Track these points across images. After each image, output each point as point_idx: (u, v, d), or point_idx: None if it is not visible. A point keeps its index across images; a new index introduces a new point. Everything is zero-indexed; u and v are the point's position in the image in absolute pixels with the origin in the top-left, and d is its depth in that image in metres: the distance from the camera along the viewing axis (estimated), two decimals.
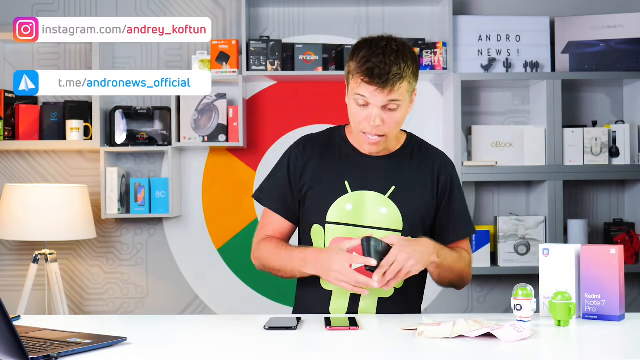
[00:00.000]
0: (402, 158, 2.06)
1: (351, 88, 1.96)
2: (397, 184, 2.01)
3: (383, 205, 2.00)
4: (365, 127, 1.95)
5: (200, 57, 3.43)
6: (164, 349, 1.60)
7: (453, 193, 2.08)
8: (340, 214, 2.00)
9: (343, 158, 2.06)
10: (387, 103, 1.91)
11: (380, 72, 1.87)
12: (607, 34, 3.47)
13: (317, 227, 2.03)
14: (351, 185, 2.01)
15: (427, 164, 2.07)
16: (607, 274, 1.84)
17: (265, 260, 2.06)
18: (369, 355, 1.56)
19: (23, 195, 3.22)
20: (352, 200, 2.00)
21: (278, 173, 2.11)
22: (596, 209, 3.64)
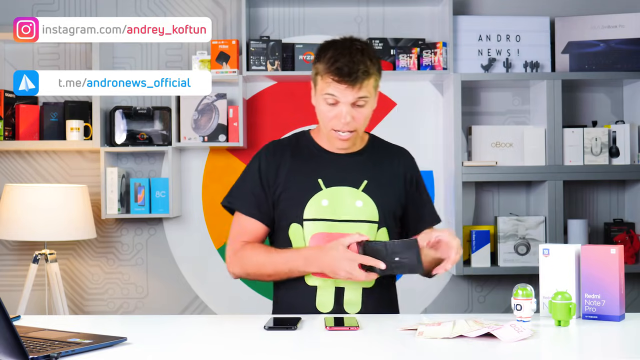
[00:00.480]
0: (369, 154, 2.14)
1: (319, 88, 2.02)
2: (368, 178, 2.08)
3: (358, 199, 2.06)
4: (336, 124, 2.01)
5: (200, 57, 3.43)
6: (164, 349, 1.60)
7: (420, 187, 2.20)
8: (317, 210, 2.04)
9: (313, 157, 2.11)
10: (356, 100, 1.99)
11: (349, 71, 1.95)
12: (607, 34, 3.47)
13: (295, 226, 2.06)
14: (325, 182, 2.06)
15: (392, 160, 2.17)
16: (607, 274, 1.84)
17: (252, 267, 2.05)
18: (369, 355, 1.56)
19: (23, 195, 3.22)
20: (327, 196, 2.05)
21: (249, 178, 2.12)
22: (596, 209, 3.65)
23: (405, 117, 3.62)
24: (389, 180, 2.13)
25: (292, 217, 2.06)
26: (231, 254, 2.10)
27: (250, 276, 2.07)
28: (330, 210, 2.04)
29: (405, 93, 3.62)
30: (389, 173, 2.13)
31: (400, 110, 3.62)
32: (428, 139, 3.62)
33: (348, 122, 2.00)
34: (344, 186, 2.06)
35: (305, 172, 2.08)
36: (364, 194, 2.07)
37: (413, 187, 2.17)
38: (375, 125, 3.60)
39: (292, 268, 2.00)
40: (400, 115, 3.62)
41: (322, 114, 2.04)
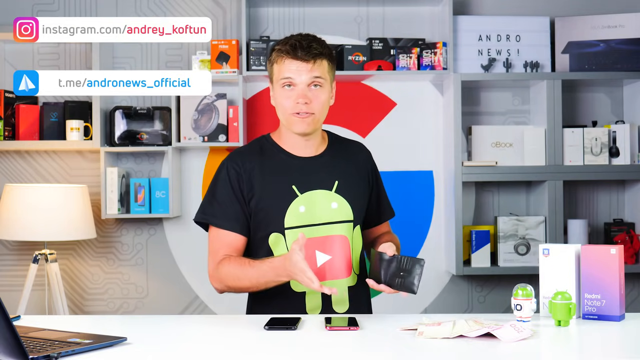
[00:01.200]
0: (333, 154, 2.15)
1: (276, 77, 2.06)
2: (339, 179, 2.10)
3: (333, 200, 2.07)
4: (294, 107, 2.03)
5: (200, 57, 3.43)
6: (164, 349, 1.60)
7: (378, 179, 2.25)
8: (296, 218, 2.04)
9: (282, 163, 2.10)
10: (312, 80, 2.02)
11: (302, 46, 2.01)
12: (607, 34, 3.47)
13: (276, 235, 2.05)
14: (299, 188, 2.06)
15: (356, 156, 2.20)
16: (607, 274, 1.84)
17: (231, 281, 2.03)
18: (369, 355, 1.56)
19: (23, 195, 3.22)
20: (303, 202, 2.05)
21: (220, 191, 2.09)
22: (596, 209, 3.65)
23: (405, 117, 3.62)
24: (357, 177, 2.15)
25: (272, 227, 2.05)
26: (212, 269, 2.07)
27: (231, 289, 2.06)
28: (308, 216, 2.04)
29: (405, 93, 3.62)
30: (355, 170, 2.16)
31: (400, 110, 3.62)
32: (428, 139, 3.62)
33: (306, 102, 2.01)
34: (318, 189, 2.07)
35: (278, 179, 2.07)
36: (337, 194, 2.08)
37: (373, 181, 2.21)
38: (375, 125, 3.60)
39: (268, 280, 1.97)
40: (400, 115, 3.62)
41: (280, 101, 2.05)
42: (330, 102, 2.10)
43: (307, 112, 2.02)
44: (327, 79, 2.05)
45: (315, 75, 2.02)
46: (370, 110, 3.62)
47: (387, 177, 3.55)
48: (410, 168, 3.59)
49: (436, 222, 3.62)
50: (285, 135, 2.11)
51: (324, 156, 2.13)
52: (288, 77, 2.02)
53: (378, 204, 2.23)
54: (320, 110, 2.05)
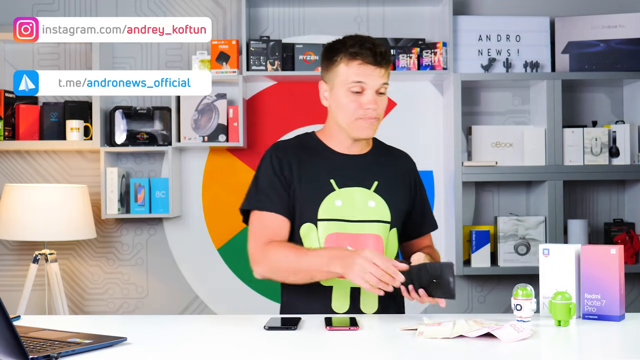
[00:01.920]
0: (376, 156, 2.15)
1: (342, 79, 2.02)
2: (379, 179, 2.09)
3: (370, 199, 2.06)
4: (363, 112, 2.02)
5: (200, 57, 3.43)
6: (164, 349, 1.60)
7: (422, 191, 2.23)
8: (331, 211, 2.03)
9: (323, 158, 2.10)
10: (380, 86, 2.02)
11: (379, 52, 2.00)
12: (607, 34, 3.47)
13: (308, 226, 2.04)
14: (337, 183, 2.05)
15: (398, 163, 2.19)
16: (607, 274, 1.84)
17: (277, 264, 1.97)
18: (369, 355, 1.56)
19: (23, 195, 3.22)
20: (340, 197, 2.04)
21: (265, 178, 2.08)
22: (596, 209, 3.65)
23: (405, 117, 3.62)
24: (398, 182, 2.13)
25: (306, 217, 2.04)
26: (255, 252, 2.02)
27: (274, 275, 2.00)
28: (344, 211, 2.03)
29: (405, 93, 3.62)
30: (396, 175, 2.14)
31: (400, 110, 3.62)
32: (428, 139, 3.62)
33: (375, 108, 2.01)
34: (356, 187, 2.06)
35: (317, 172, 2.07)
36: (376, 194, 2.07)
37: (416, 191, 2.19)
38: None
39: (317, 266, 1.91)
40: (400, 115, 3.62)
41: (345, 106, 2.03)
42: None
43: (375, 117, 2.03)
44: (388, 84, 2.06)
45: (384, 81, 2.02)
46: None
47: None
48: None
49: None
50: (334, 135, 2.11)
51: (365, 156, 2.13)
52: (360, 82, 2.00)
53: (420, 216, 2.20)
54: (382, 115, 2.07)
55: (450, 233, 3.45)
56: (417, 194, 2.19)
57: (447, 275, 1.80)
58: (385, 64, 2.01)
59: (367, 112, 2.02)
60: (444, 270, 1.82)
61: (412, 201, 2.17)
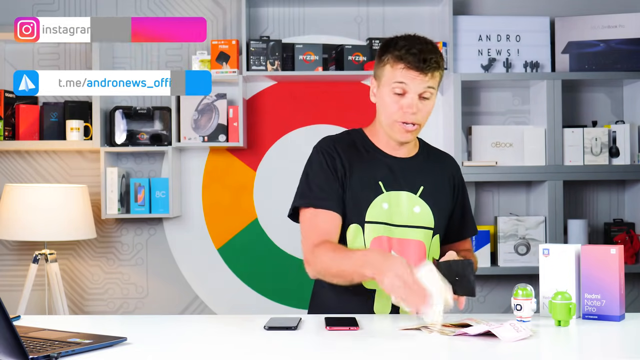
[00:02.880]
0: (422, 160, 2.13)
1: (387, 78, 2.00)
2: (424, 184, 2.07)
3: (416, 204, 2.05)
4: (401, 116, 2.00)
5: (200, 57, 3.43)
6: (164, 349, 1.60)
7: (465, 194, 2.21)
8: (378, 213, 2.02)
9: (371, 159, 2.08)
10: (424, 90, 1.99)
11: (423, 58, 1.96)
12: (607, 34, 3.47)
13: (355, 227, 2.03)
14: (385, 185, 2.04)
15: (442, 166, 2.17)
16: (607, 274, 1.84)
17: (324, 267, 1.96)
18: (369, 355, 1.56)
19: (23, 195, 3.21)
20: (387, 200, 2.03)
21: (318, 173, 2.05)
22: (596, 209, 3.65)
23: None
24: (442, 186, 2.12)
25: (354, 218, 2.02)
26: (307, 253, 2.00)
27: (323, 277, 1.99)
28: (390, 214, 2.02)
29: None
30: (441, 179, 2.13)
31: None
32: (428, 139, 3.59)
33: (414, 112, 1.98)
34: (403, 190, 2.05)
35: (366, 172, 2.04)
36: (421, 199, 2.06)
37: (459, 195, 2.18)
38: None
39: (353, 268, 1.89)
40: None
41: (387, 106, 2.01)
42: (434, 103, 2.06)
43: (414, 122, 2.00)
44: (436, 89, 2.02)
45: (428, 85, 1.98)
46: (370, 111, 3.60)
47: None
48: None
49: None
50: (381, 134, 2.09)
51: (413, 159, 2.11)
52: (402, 82, 1.98)
53: (461, 219, 2.18)
54: (424, 121, 2.03)
55: None
56: (459, 198, 2.18)
57: (468, 273, 1.81)
58: (431, 69, 1.97)
59: (405, 116, 1.99)
60: (465, 268, 1.82)
61: (454, 205, 2.16)
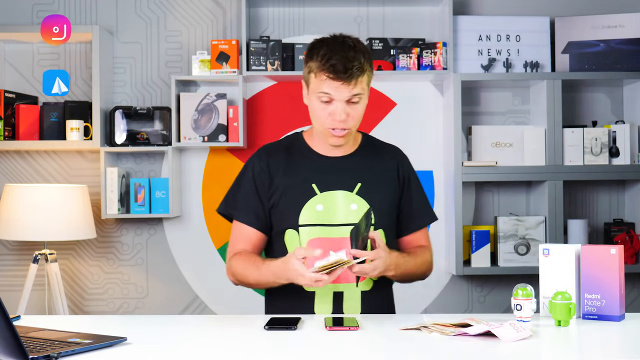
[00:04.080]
0: (362, 156, 2.13)
1: (313, 87, 2.01)
2: (362, 181, 2.07)
3: (352, 202, 2.05)
4: (331, 122, 2.00)
5: (200, 57, 3.43)
6: (164, 349, 1.60)
7: (411, 185, 2.18)
8: (312, 216, 2.03)
9: (306, 162, 2.10)
10: (351, 97, 1.98)
11: (344, 68, 1.93)
12: (607, 34, 3.47)
13: (291, 232, 2.05)
14: (319, 187, 2.05)
15: (386, 160, 2.16)
16: (607, 274, 1.84)
17: (240, 277, 2.07)
18: (369, 355, 1.56)
19: (23, 195, 3.21)
20: (322, 201, 2.04)
21: (244, 185, 2.11)
22: (596, 209, 3.64)
23: (405, 117, 3.62)
24: (383, 181, 2.12)
25: (288, 223, 2.05)
26: (227, 262, 2.12)
27: (242, 284, 2.09)
28: (325, 215, 2.03)
29: (405, 93, 3.62)
30: (382, 174, 2.12)
31: (400, 110, 3.62)
32: (428, 139, 3.62)
33: (343, 119, 1.98)
34: (338, 190, 2.05)
35: (299, 177, 2.07)
36: (358, 197, 2.06)
37: (406, 186, 2.16)
38: (375, 125, 3.60)
39: (269, 282, 2.00)
40: (400, 115, 3.62)
41: (316, 112, 2.03)
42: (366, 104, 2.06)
43: (343, 127, 2.00)
44: (365, 92, 2.01)
45: (355, 92, 1.97)
46: (370, 110, 3.58)
47: None
48: None
49: (436, 222, 3.59)
50: (317, 137, 2.11)
51: (350, 157, 2.11)
52: (326, 93, 1.98)
53: (410, 211, 2.15)
54: (355, 123, 2.03)
55: (450, 233, 3.45)
56: (406, 191, 2.15)
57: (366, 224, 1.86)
58: (354, 77, 1.94)
59: (334, 123, 1.99)
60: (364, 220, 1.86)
61: (399, 198, 2.15)
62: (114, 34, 3.60)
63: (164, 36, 3.61)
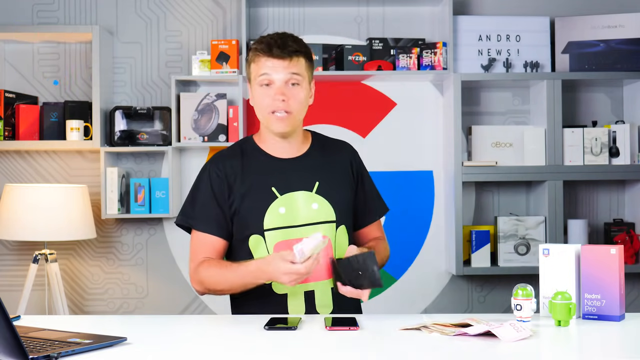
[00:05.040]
0: (315, 155, 2.14)
1: (253, 75, 2.05)
2: (319, 179, 2.08)
3: (313, 201, 2.06)
4: (272, 104, 2.02)
5: (200, 57, 3.43)
6: (164, 349, 1.60)
7: (364, 179, 2.20)
8: (275, 219, 2.03)
9: (262, 166, 2.10)
10: (289, 77, 2.01)
11: (278, 44, 2.01)
12: (607, 34, 3.47)
13: (256, 237, 2.04)
14: (279, 190, 2.05)
15: (338, 156, 2.17)
16: (607, 274, 1.84)
17: (210, 284, 2.04)
18: (369, 355, 1.56)
19: (23, 195, 3.21)
20: (283, 204, 2.04)
21: (202, 194, 2.09)
22: (596, 209, 3.65)
23: (405, 117, 3.62)
24: (339, 177, 2.13)
25: (252, 229, 2.04)
26: (192, 271, 2.08)
27: (210, 291, 2.07)
28: (288, 217, 2.03)
29: (405, 93, 3.62)
30: (337, 170, 2.14)
31: (400, 110, 3.62)
32: (428, 139, 3.62)
33: (283, 99, 2.00)
34: (298, 191, 2.06)
35: (257, 181, 2.07)
36: (318, 195, 2.06)
37: (359, 180, 2.18)
38: (375, 125, 3.60)
39: (246, 282, 1.99)
40: (400, 115, 3.62)
41: (258, 100, 2.04)
42: (309, 102, 2.09)
43: (285, 110, 2.01)
44: (304, 76, 2.04)
45: (293, 71, 2.01)
46: (370, 111, 3.62)
47: (387, 177, 3.56)
48: (410, 168, 3.59)
49: (436, 222, 3.62)
50: (266, 136, 2.11)
51: (305, 157, 2.12)
52: (265, 74, 2.01)
53: (363, 206, 2.18)
54: (298, 109, 2.04)
55: (450, 233, 3.45)
56: (359, 184, 2.18)
57: (370, 265, 1.87)
58: (289, 54, 1.99)
59: (275, 104, 2.01)
60: (366, 260, 1.88)
61: (355, 193, 2.16)
62: (114, 34, 3.60)
63: (164, 36, 3.61)
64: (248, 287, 2.00)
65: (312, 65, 2.09)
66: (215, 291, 2.06)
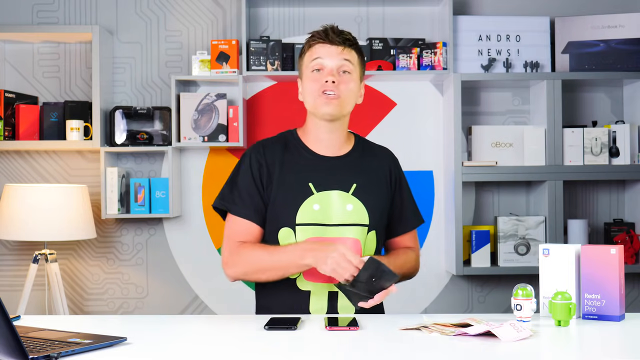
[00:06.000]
0: (356, 157, 2.13)
1: (306, 64, 2.07)
2: (357, 182, 2.07)
3: (348, 202, 2.05)
4: (322, 86, 2.02)
5: (200, 57, 3.44)
6: (164, 349, 1.60)
7: (402, 188, 2.20)
8: (309, 215, 2.02)
9: (303, 160, 2.09)
10: (341, 64, 2.03)
11: (335, 31, 2.05)
12: (607, 34, 3.47)
13: (286, 230, 2.03)
14: (315, 186, 2.04)
15: (378, 161, 2.16)
16: (607, 274, 1.84)
17: (249, 265, 2.01)
18: (369, 355, 1.56)
19: (23, 195, 3.22)
20: (318, 201, 2.03)
21: (242, 179, 2.08)
22: (596, 209, 3.65)
23: (405, 117, 3.62)
24: (377, 182, 2.12)
25: (284, 222, 2.03)
26: (227, 255, 2.04)
27: (247, 275, 2.03)
28: (321, 215, 2.02)
29: (405, 93, 3.62)
30: (376, 175, 2.13)
31: (400, 110, 3.62)
32: (428, 139, 3.62)
33: (334, 81, 2.01)
34: (334, 190, 2.05)
35: (296, 175, 2.06)
36: (354, 197, 2.05)
37: (397, 188, 2.17)
38: (375, 125, 3.60)
39: (290, 260, 1.95)
40: (400, 115, 3.62)
41: (308, 85, 2.05)
42: (358, 99, 2.10)
43: (335, 92, 2.02)
44: (356, 68, 2.06)
45: (345, 58, 2.03)
46: (370, 110, 3.62)
47: None
48: (410, 168, 3.59)
49: (436, 222, 3.62)
50: (310, 130, 2.11)
51: (346, 157, 2.11)
52: (318, 58, 2.03)
53: (399, 215, 2.17)
54: (347, 96, 2.04)
55: (450, 233, 3.46)
56: (397, 193, 2.17)
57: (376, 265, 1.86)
58: (343, 43, 2.03)
59: (325, 85, 2.01)
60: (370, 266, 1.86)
61: (391, 201, 2.16)
62: (114, 34, 3.60)
63: (164, 36, 3.61)
64: (290, 270, 1.97)
65: (364, 64, 2.11)
66: (252, 274, 2.02)
